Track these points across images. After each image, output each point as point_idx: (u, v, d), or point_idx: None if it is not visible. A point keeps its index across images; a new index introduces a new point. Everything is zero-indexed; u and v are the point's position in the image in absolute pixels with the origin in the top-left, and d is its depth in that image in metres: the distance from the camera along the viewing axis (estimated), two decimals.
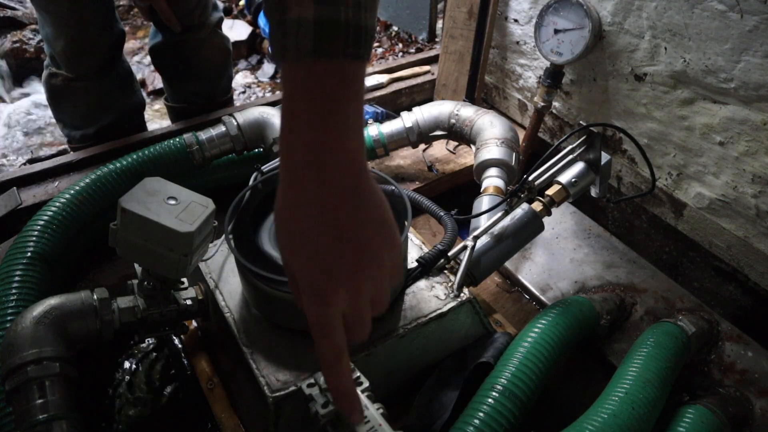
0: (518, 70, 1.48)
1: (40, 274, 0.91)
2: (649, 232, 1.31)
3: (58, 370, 0.69)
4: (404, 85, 1.58)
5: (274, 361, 0.73)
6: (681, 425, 0.77)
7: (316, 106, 0.45)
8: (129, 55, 2.44)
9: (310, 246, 0.47)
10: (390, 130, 1.24)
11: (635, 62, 1.15)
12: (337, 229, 0.47)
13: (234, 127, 1.15)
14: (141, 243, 0.71)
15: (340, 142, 0.46)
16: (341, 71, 0.44)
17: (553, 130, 1.45)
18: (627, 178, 1.29)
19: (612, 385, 0.76)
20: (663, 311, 1.02)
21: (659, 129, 1.17)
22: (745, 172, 1.04)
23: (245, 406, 0.82)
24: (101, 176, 1.07)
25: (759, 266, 1.09)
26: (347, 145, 0.46)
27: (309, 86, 0.44)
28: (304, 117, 0.45)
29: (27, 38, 2.27)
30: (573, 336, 0.83)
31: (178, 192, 0.73)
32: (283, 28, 0.43)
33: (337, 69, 0.44)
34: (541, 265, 1.13)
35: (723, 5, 0.96)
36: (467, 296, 0.83)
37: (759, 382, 0.91)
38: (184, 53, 1.41)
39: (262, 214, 0.82)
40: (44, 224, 0.96)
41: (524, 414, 0.72)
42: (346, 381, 0.53)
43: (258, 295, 0.75)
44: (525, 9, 1.37)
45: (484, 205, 1.02)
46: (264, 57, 2.49)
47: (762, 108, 0.97)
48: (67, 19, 1.21)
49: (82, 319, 0.75)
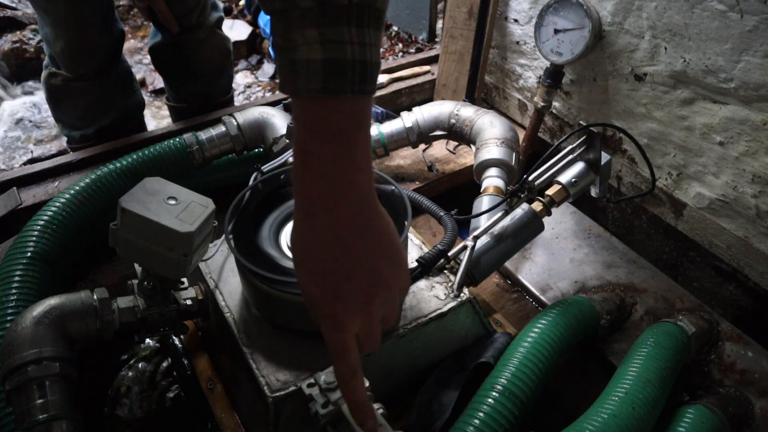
0: (518, 70, 1.48)
1: (40, 274, 0.91)
2: (649, 232, 1.31)
3: (58, 370, 0.69)
4: (404, 85, 1.58)
5: (274, 361, 0.73)
6: (681, 425, 0.77)
7: (326, 141, 0.48)
8: (129, 55, 2.45)
9: (327, 278, 0.52)
10: (390, 130, 1.24)
11: (635, 62, 1.15)
12: (350, 260, 0.51)
13: (234, 127, 1.15)
14: (141, 243, 0.71)
15: (349, 177, 0.49)
16: (349, 107, 0.48)
17: (553, 130, 1.45)
18: (627, 178, 1.29)
19: (612, 385, 0.76)
20: (663, 311, 1.02)
21: (659, 129, 1.17)
22: (745, 172, 1.04)
23: (245, 406, 0.82)
24: (101, 176, 1.07)
25: (759, 266, 1.09)
26: (356, 178, 0.50)
27: (319, 123, 0.48)
28: (315, 152, 0.48)
29: (27, 38, 2.27)
30: (573, 336, 0.83)
31: (178, 192, 0.73)
32: (292, 67, 0.46)
33: (346, 106, 0.48)
34: (541, 265, 1.13)
35: (723, 5, 0.96)
36: (467, 296, 0.83)
37: (759, 382, 0.91)
38: (183, 53, 1.41)
39: (262, 214, 0.82)
40: (44, 224, 0.96)
41: (524, 414, 0.72)
42: (361, 394, 0.55)
43: (258, 295, 0.75)
44: (525, 9, 1.37)
45: (484, 205, 1.02)
46: (264, 57, 2.49)
47: (762, 108, 0.97)
48: (67, 20, 1.21)
49: (82, 319, 0.75)
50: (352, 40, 0.46)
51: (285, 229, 0.82)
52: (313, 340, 0.74)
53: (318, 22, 0.45)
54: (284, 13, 0.46)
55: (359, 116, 0.49)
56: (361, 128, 0.49)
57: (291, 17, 0.46)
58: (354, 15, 0.46)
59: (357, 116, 0.49)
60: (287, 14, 0.46)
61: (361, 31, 0.47)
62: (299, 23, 0.45)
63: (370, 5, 0.47)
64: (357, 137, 0.49)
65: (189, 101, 1.51)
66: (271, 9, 0.47)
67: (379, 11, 0.48)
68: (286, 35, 0.46)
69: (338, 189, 0.49)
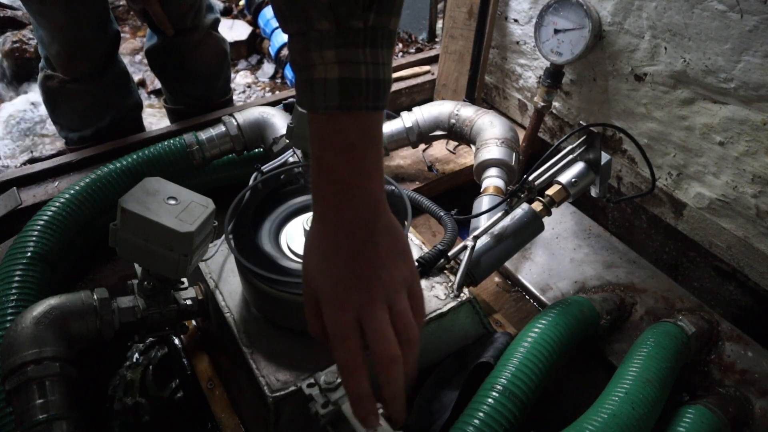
0: (518, 70, 1.48)
1: (40, 274, 0.91)
2: (649, 232, 1.31)
3: (58, 370, 0.69)
4: (404, 85, 1.58)
5: (274, 361, 0.73)
6: (681, 425, 0.77)
7: (341, 154, 0.52)
8: (129, 55, 2.44)
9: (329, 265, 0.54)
10: (390, 130, 1.25)
11: (635, 62, 1.15)
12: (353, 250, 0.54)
13: (234, 127, 1.15)
14: (141, 243, 0.71)
15: (360, 184, 0.53)
16: (363, 123, 0.51)
17: (553, 130, 1.45)
18: (627, 178, 1.29)
19: (612, 385, 0.76)
20: (663, 311, 1.02)
21: (659, 129, 1.17)
22: (745, 172, 1.04)
23: (245, 406, 0.82)
24: (101, 176, 1.07)
25: (759, 266, 1.09)
26: (367, 185, 0.53)
27: (335, 138, 0.51)
28: (330, 163, 0.52)
29: (27, 38, 2.27)
30: (573, 336, 0.83)
31: (178, 192, 0.73)
32: (310, 85, 0.50)
33: (360, 121, 0.51)
34: (541, 265, 1.13)
35: (723, 5, 0.96)
36: (467, 296, 0.83)
37: (759, 382, 0.91)
38: (179, 56, 1.41)
39: (262, 214, 0.82)
40: (44, 224, 0.96)
41: (524, 414, 0.72)
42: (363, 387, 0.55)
43: (258, 295, 0.75)
44: (525, 9, 1.37)
45: (484, 205, 1.02)
46: (264, 57, 2.49)
47: (762, 108, 0.97)
48: (62, 23, 1.21)
49: (82, 319, 0.75)
50: (367, 60, 0.49)
51: (285, 229, 0.82)
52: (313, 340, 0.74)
53: (335, 44, 0.48)
54: (303, 34, 0.49)
55: (372, 131, 0.52)
56: (374, 141, 0.53)
57: (309, 38, 0.49)
58: (369, 37, 0.49)
59: (370, 131, 0.52)
60: (306, 36, 0.49)
61: (375, 51, 0.50)
62: (317, 44, 0.48)
63: (384, 27, 0.50)
64: (369, 149, 0.52)
65: (186, 103, 1.51)
66: (290, 30, 0.50)
67: (391, 32, 0.51)
68: (305, 55, 0.49)
69: (348, 193, 0.53)
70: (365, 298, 0.53)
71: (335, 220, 0.53)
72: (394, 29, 0.52)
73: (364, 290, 0.53)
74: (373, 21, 0.48)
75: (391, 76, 0.53)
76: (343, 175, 0.52)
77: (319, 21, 0.47)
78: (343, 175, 0.52)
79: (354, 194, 0.53)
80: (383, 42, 0.50)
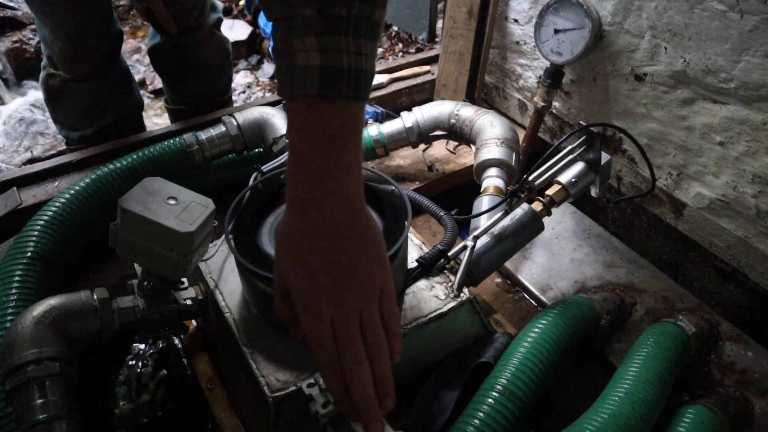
0: (518, 70, 1.48)
1: (40, 274, 0.91)
2: (649, 232, 1.31)
3: (58, 370, 0.69)
4: (404, 85, 1.58)
5: (274, 361, 0.73)
6: (681, 425, 0.77)
7: (319, 144, 0.50)
8: (129, 55, 2.45)
9: (305, 270, 0.54)
10: (390, 130, 1.25)
11: (635, 62, 1.15)
12: (329, 255, 0.53)
13: (234, 127, 1.15)
14: (141, 243, 0.71)
15: (339, 177, 0.51)
16: (343, 113, 0.50)
17: (553, 130, 1.45)
18: (627, 178, 1.29)
19: (612, 385, 0.76)
20: (663, 311, 1.02)
21: (659, 129, 1.17)
22: (745, 172, 1.04)
23: (245, 406, 0.82)
24: (101, 176, 1.07)
25: (759, 266, 1.09)
26: (345, 179, 0.52)
27: (314, 127, 0.50)
28: (308, 154, 0.51)
29: (27, 38, 2.27)
30: (573, 336, 0.83)
31: (178, 192, 0.73)
32: (291, 72, 0.49)
33: (340, 111, 0.50)
34: (541, 265, 1.13)
35: (723, 5, 0.96)
36: (467, 296, 0.83)
37: (759, 382, 0.91)
38: (182, 54, 1.41)
39: (262, 214, 0.82)
40: (44, 224, 0.96)
41: (524, 414, 0.72)
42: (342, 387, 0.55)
43: (258, 295, 0.75)
44: (525, 9, 1.37)
45: (484, 205, 1.02)
46: (264, 57, 2.49)
47: (762, 108, 0.97)
48: (65, 22, 1.21)
49: (82, 319, 0.75)
50: (349, 49, 0.48)
51: None
52: None
53: (317, 31, 0.47)
54: (286, 20, 0.48)
55: (351, 121, 0.51)
56: (353, 133, 0.52)
57: (292, 25, 0.48)
58: (352, 26, 0.48)
59: (349, 121, 0.51)
60: (289, 21, 0.48)
61: (358, 41, 0.49)
62: (299, 31, 0.48)
63: (368, 17, 0.49)
64: (349, 141, 0.51)
65: (188, 102, 1.51)
66: (273, 16, 0.49)
67: (375, 23, 0.50)
68: (287, 41, 0.48)
69: (327, 188, 0.52)
70: (339, 311, 0.54)
71: (311, 216, 0.53)
72: (378, 21, 0.51)
73: (337, 302, 0.54)
74: (357, 10, 0.48)
75: (374, 68, 0.52)
76: (321, 166, 0.51)
77: (302, 7, 0.47)
78: (321, 167, 0.51)
79: (331, 189, 0.52)
80: (367, 32, 0.50)
